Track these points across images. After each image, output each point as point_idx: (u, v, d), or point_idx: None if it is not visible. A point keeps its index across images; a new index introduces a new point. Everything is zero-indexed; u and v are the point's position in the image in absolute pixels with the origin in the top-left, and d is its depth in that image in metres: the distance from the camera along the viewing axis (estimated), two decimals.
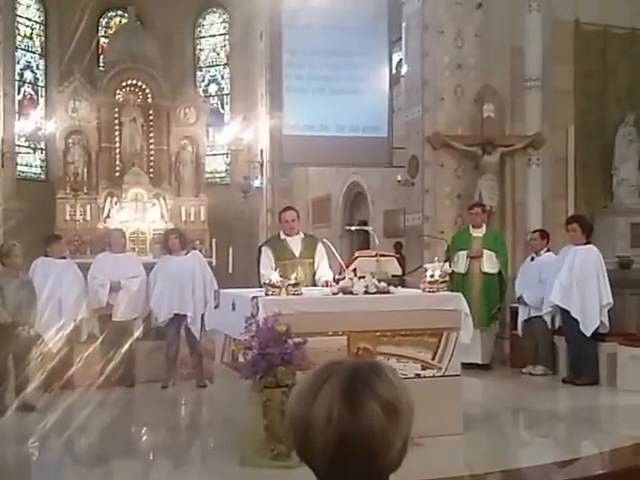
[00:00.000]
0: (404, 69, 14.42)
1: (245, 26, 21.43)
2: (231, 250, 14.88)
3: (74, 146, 19.18)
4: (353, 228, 13.55)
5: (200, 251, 12.09)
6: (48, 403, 8.55)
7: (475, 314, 8.55)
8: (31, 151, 21.88)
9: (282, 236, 8.63)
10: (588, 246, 10.13)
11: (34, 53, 22.48)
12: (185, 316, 9.96)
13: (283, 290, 6.98)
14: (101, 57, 22.89)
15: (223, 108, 23.63)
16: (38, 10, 22.55)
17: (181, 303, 9.99)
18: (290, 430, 1.67)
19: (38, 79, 22.55)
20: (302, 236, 8.69)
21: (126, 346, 9.70)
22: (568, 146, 12.52)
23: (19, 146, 20.83)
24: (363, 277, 7.38)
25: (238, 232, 20.20)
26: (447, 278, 7.76)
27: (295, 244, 8.55)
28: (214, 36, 24.12)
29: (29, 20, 22.29)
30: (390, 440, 1.61)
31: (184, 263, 10.15)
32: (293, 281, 7.09)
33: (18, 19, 21.76)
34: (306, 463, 1.65)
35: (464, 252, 11.07)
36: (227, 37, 23.83)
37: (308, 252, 8.56)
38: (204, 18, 24.18)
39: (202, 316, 9.77)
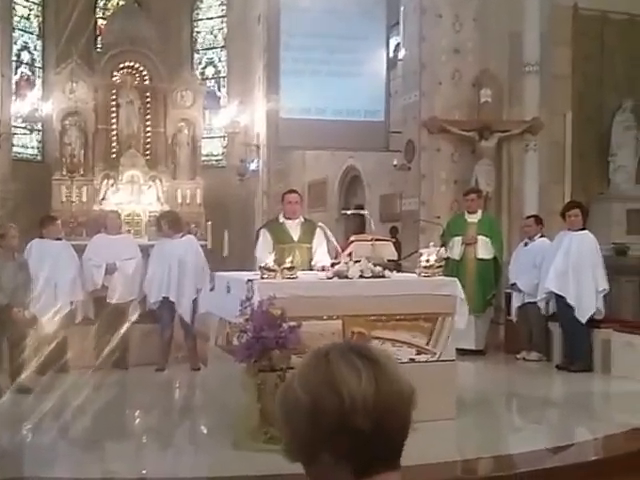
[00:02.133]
0: (402, 53, 14.35)
1: (243, 9, 21.22)
2: (226, 233, 14.88)
3: (71, 127, 18.94)
4: (349, 212, 13.53)
5: (195, 234, 12.10)
6: (43, 386, 8.49)
7: (470, 300, 8.44)
8: (28, 132, 21.64)
9: (281, 219, 8.70)
10: (584, 232, 10.08)
11: (31, 34, 22.20)
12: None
13: (278, 274, 6.98)
14: (99, 39, 22.64)
15: (220, 91, 23.40)
16: None
17: (170, 287, 9.99)
18: (291, 421, 1.57)
19: (35, 60, 22.28)
20: (302, 220, 8.75)
21: (122, 329, 9.62)
22: (565, 132, 12.50)
23: (15, 127, 20.59)
24: (358, 261, 7.39)
25: (234, 215, 20.12)
26: (442, 263, 7.77)
27: (294, 228, 8.62)
28: (212, 19, 23.86)
29: (27, 1, 22.02)
30: (410, 411, 1.55)
31: (177, 247, 10.16)
32: (288, 265, 7.10)
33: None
34: (313, 451, 1.53)
35: (459, 238, 11.07)
36: (225, 20, 23.57)
37: (306, 237, 8.62)
38: (201, 0, 24.00)
39: (194, 300, 9.85)
